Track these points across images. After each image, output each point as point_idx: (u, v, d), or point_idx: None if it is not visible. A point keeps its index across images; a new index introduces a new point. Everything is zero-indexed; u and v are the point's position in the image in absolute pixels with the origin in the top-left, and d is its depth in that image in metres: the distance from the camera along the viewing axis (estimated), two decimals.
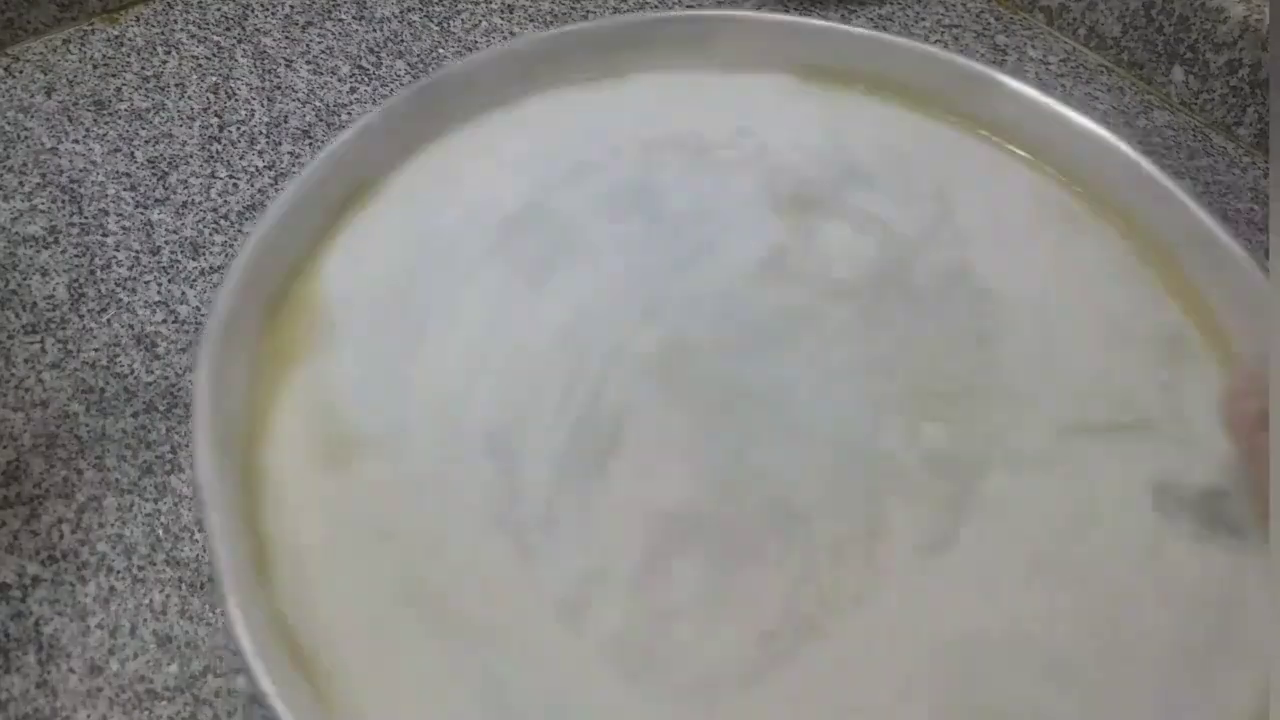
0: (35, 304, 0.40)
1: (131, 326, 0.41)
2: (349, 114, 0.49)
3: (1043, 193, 0.40)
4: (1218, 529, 0.31)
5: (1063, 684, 0.29)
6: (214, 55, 0.47)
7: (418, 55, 0.52)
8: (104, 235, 0.42)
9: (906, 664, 0.29)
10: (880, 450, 0.33)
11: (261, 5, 0.49)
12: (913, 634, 0.29)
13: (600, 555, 0.30)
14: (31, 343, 0.40)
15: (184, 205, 0.45)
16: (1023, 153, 0.41)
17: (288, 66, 0.51)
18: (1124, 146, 0.39)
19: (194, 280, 0.43)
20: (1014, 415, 0.34)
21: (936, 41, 0.54)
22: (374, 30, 0.54)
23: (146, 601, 0.35)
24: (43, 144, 0.44)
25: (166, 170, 0.46)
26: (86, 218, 0.42)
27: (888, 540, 0.31)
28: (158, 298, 0.42)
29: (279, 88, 0.50)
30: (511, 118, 0.42)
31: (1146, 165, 0.38)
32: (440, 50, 0.52)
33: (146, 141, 0.45)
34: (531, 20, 0.49)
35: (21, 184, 0.43)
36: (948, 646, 0.29)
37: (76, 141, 0.44)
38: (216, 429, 0.31)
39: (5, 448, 0.37)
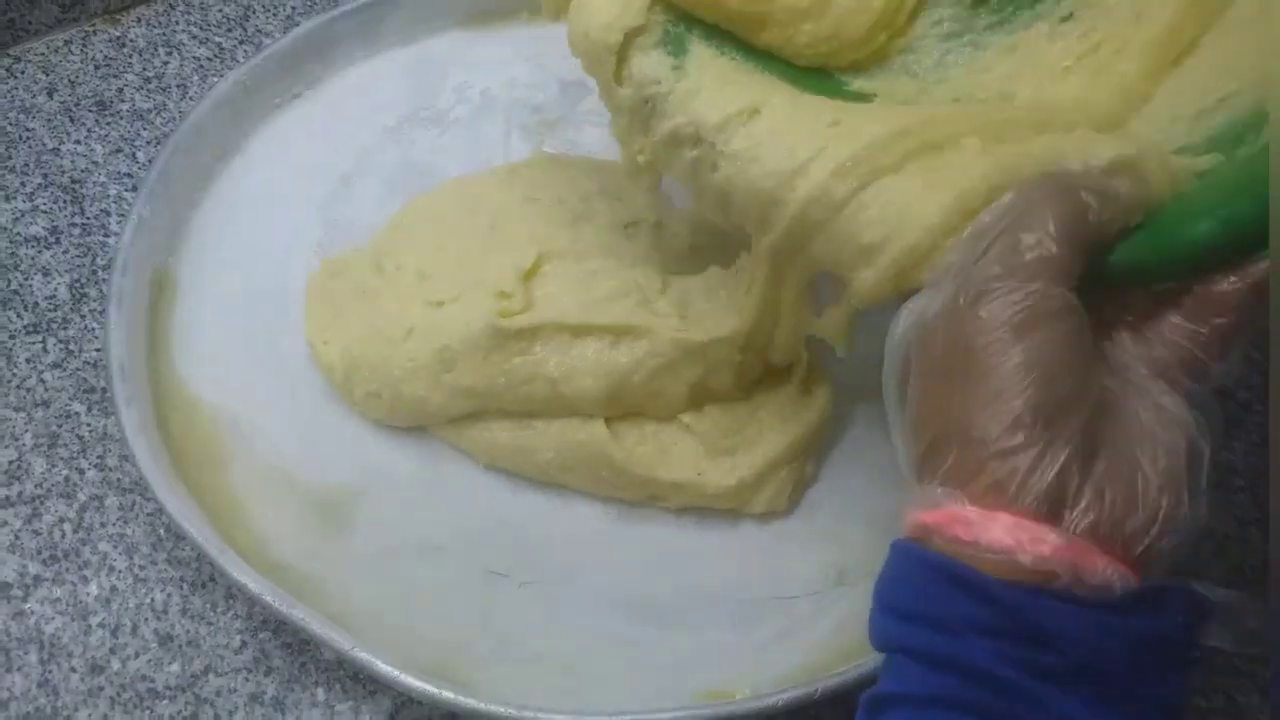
0: (37, 304, 0.40)
1: None
2: None
3: None
4: None
5: None
6: (215, 56, 0.48)
7: None
8: (105, 235, 0.42)
9: None
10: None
11: (263, 6, 0.49)
12: None
13: None
14: (33, 342, 0.40)
15: None
16: None
17: None
18: None
19: None
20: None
21: None
22: None
23: (148, 601, 0.35)
24: (44, 144, 0.44)
25: None
26: (88, 218, 0.43)
27: None
28: None
29: None
30: (245, 161, 0.43)
31: None
32: None
33: (148, 142, 0.45)
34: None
35: (23, 184, 0.43)
36: None
37: (78, 142, 0.44)
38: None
39: (7, 447, 0.37)
